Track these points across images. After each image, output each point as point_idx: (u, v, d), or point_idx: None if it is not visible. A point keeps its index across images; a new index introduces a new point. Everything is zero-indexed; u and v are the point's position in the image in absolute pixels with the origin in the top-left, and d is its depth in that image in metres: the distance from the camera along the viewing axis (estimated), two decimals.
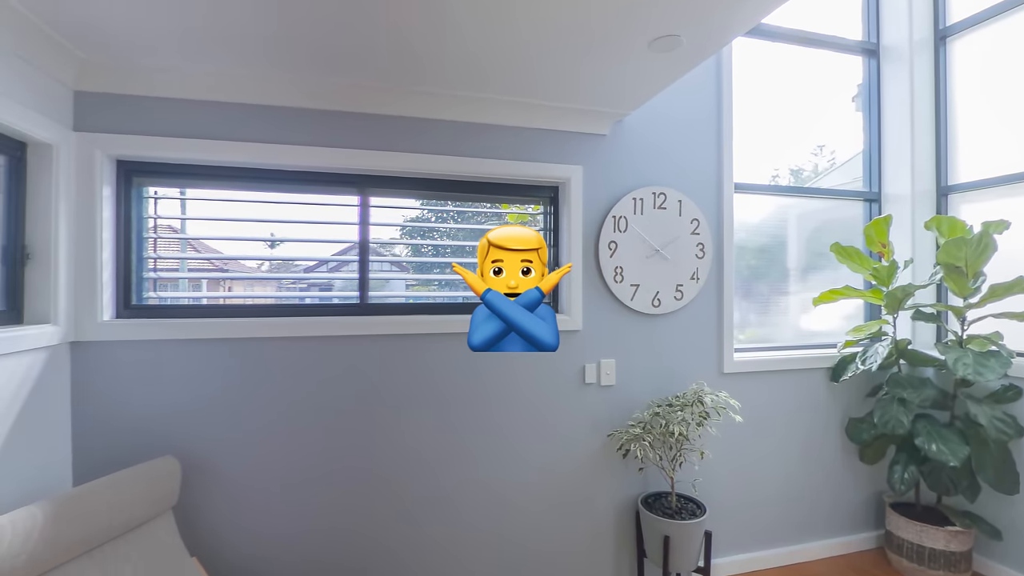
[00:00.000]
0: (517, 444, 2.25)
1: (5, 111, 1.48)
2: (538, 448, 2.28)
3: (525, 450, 2.26)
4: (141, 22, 1.53)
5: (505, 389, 2.23)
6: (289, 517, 2.01)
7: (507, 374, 2.23)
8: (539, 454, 2.28)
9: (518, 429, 2.25)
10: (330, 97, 1.99)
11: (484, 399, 2.21)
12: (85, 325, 1.81)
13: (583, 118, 2.28)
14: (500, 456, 2.23)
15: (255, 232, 2.09)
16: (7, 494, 1.49)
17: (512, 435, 2.25)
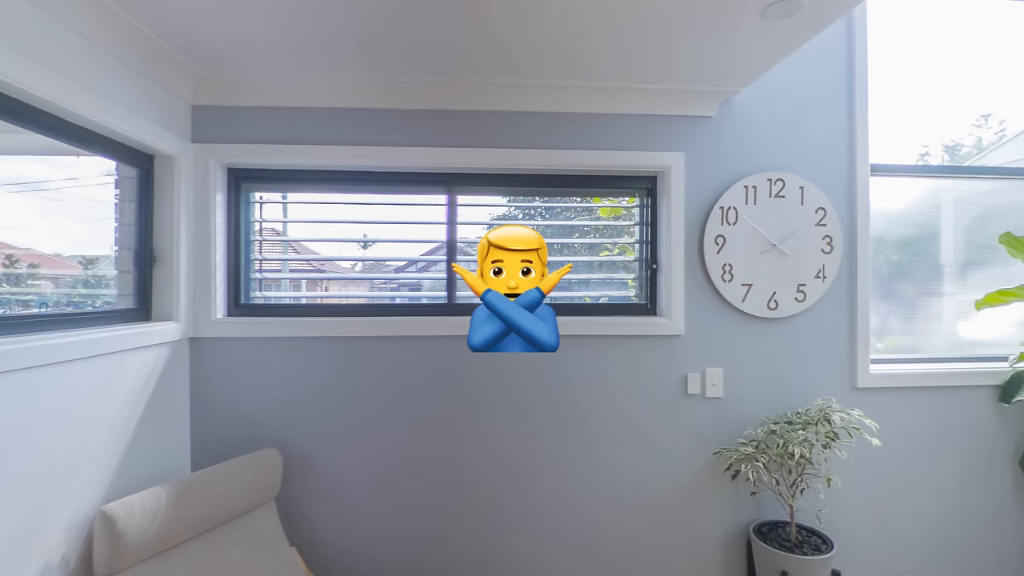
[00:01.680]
0: (610, 457, 2.20)
1: (137, 127, 1.71)
2: (634, 463, 2.20)
3: (619, 464, 2.20)
4: (247, 36, 1.70)
5: (597, 397, 2.19)
6: (378, 515, 2.12)
7: (600, 382, 2.18)
8: (635, 469, 2.21)
9: (611, 441, 2.20)
10: (418, 96, 2.08)
11: (574, 407, 2.18)
12: (201, 322, 2.05)
13: (685, 99, 2.16)
14: (591, 469, 2.19)
15: (349, 233, 2.24)
16: (137, 474, 1.73)
17: (605, 447, 2.19)
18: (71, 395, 1.46)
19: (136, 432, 1.73)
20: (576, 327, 2.15)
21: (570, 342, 2.17)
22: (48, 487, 1.38)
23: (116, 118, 1.62)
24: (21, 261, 1.50)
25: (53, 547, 1.39)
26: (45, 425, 1.37)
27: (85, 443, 1.51)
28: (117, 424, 1.65)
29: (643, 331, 2.18)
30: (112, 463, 1.62)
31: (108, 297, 1.84)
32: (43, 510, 1.36)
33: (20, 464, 1.29)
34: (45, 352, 1.36)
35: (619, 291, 2.34)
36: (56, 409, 1.40)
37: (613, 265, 2.35)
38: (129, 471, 1.69)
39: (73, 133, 1.55)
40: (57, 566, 1.40)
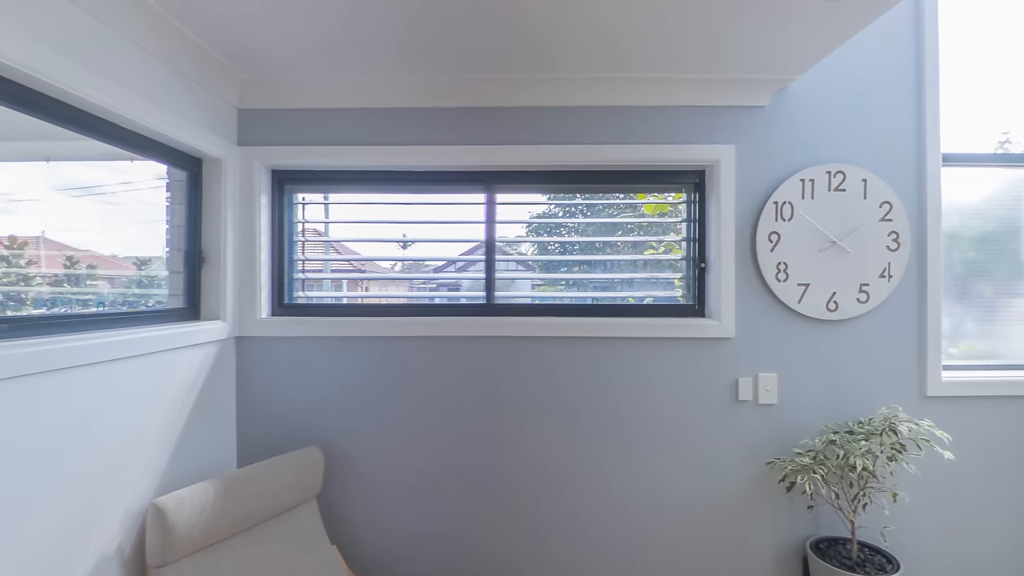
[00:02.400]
0: (655, 465, 2.15)
1: (186, 132, 1.80)
2: (680, 471, 2.15)
3: (665, 472, 2.15)
4: (290, 39, 1.76)
5: (642, 402, 2.14)
6: (418, 516, 2.15)
7: (644, 386, 2.14)
8: (681, 478, 2.15)
9: (656, 448, 2.15)
10: (456, 94, 2.09)
11: (617, 411, 2.14)
12: (247, 321, 2.13)
13: (735, 89, 2.09)
14: (635, 476, 2.15)
15: (389, 233, 2.28)
16: (187, 469, 1.82)
17: (649, 454, 2.15)
18: (125, 392, 1.54)
19: (185, 428, 1.82)
20: (619, 329, 2.12)
21: (612, 344, 2.13)
22: (104, 480, 1.46)
23: (168, 123, 1.70)
24: (81, 262, 1.60)
25: (109, 537, 1.47)
26: (101, 420, 1.45)
27: (138, 438, 1.60)
28: (168, 420, 1.73)
29: (690, 333, 2.12)
30: (163, 458, 1.70)
31: (160, 297, 1.94)
32: (99, 502, 1.44)
33: (78, 458, 1.38)
34: (102, 350, 1.44)
35: (665, 291, 2.28)
36: (111, 405, 1.49)
37: (658, 264, 2.29)
38: (179, 466, 1.78)
39: (128, 139, 1.64)
40: (113, 555, 1.49)
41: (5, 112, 1.27)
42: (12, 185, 1.36)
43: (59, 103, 1.38)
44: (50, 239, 1.51)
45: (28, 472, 1.24)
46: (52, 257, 1.51)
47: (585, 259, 2.30)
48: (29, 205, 1.39)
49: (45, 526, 1.28)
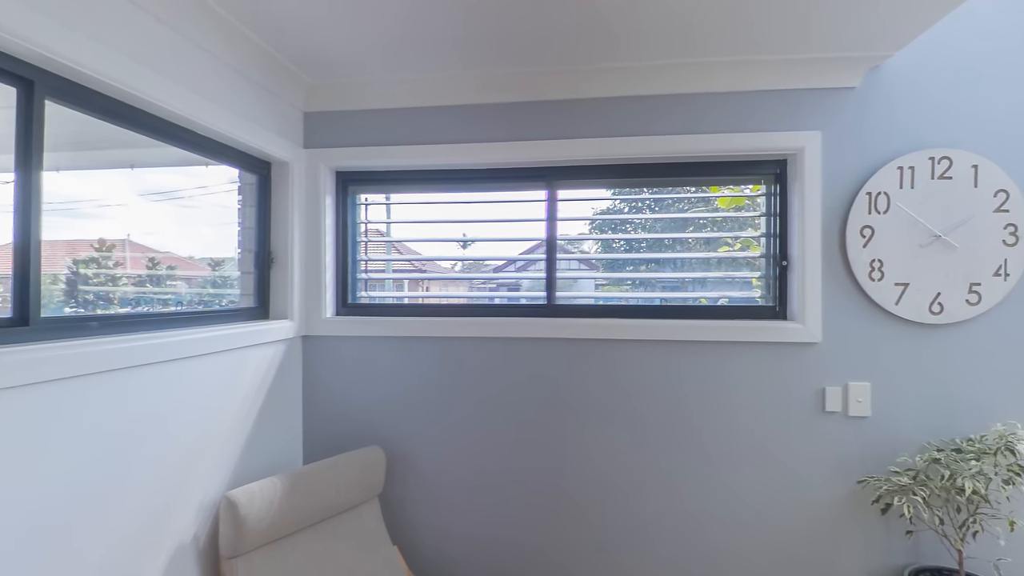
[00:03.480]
0: (730, 478, 2.05)
1: (256, 136, 1.90)
2: (759, 486, 2.03)
3: (741, 486, 2.04)
4: (353, 41, 1.82)
5: (716, 410, 2.05)
6: (477, 521, 2.16)
7: (718, 393, 2.04)
8: (760, 494, 2.03)
9: (732, 460, 2.05)
10: (516, 89, 2.09)
11: (688, 419, 2.06)
12: (313, 321, 2.23)
13: (821, 69, 1.96)
14: (708, 490, 2.06)
15: (450, 233, 2.32)
16: (256, 464, 1.92)
17: (724, 466, 2.05)
18: (199, 388, 1.65)
19: (255, 424, 1.92)
20: (690, 332, 2.03)
21: (683, 348, 2.05)
22: (181, 472, 1.56)
23: (240, 129, 1.80)
24: (161, 263, 1.73)
25: (185, 527, 1.58)
26: (177, 416, 1.56)
27: (211, 433, 1.70)
28: (239, 417, 1.84)
29: (770, 337, 2.01)
30: (235, 452, 1.81)
31: (232, 296, 2.06)
32: (177, 493, 1.55)
33: (157, 451, 1.48)
34: (180, 347, 1.54)
35: (741, 292, 2.17)
36: (186, 401, 1.59)
37: (734, 262, 2.19)
38: (249, 461, 1.88)
39: (203, 144, 1.75)
40: (189, 544, 1.59)
41: (95, 123, 1.39)
42: (101, 191, 1.49)
43: (142, 112, 1.49)
44: (134, 242, 1.64)
45: (114, 462, 1.34)
46: (136, 258, 1.64)
47: (653, 257, 2.24)
48: (116, 210, 1.51)
49: (129, 513, 1.38)
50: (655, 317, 2.10)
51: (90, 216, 1.44)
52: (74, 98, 1.31)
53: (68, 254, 1.41)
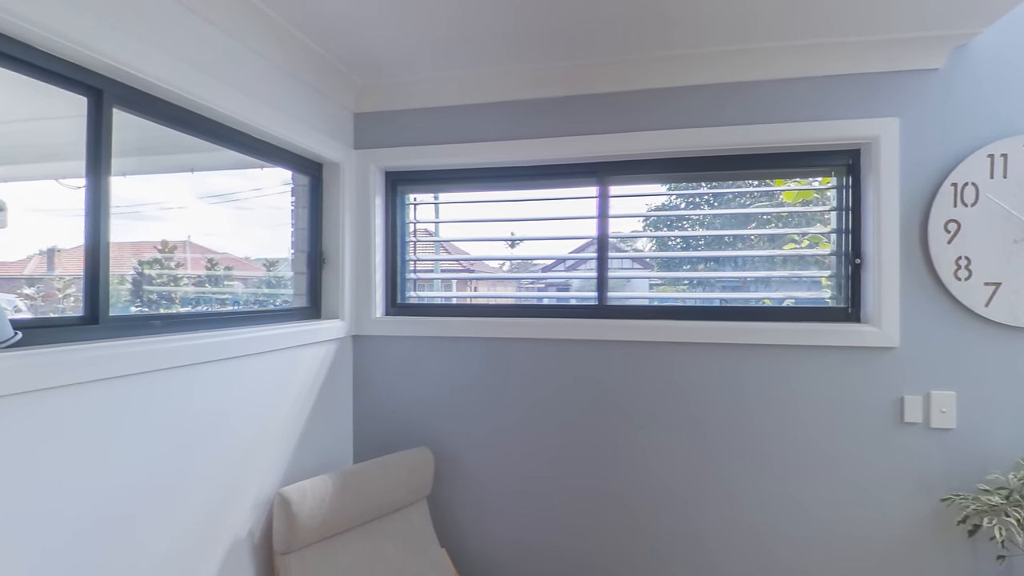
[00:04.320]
0: (796, 490, 1.95)
1: (309, 139, 1.96)
2: (827, 501, 1.93)
3: (808, 500, 1.94)
4: (401, 41, 1.84)
5: (780, 418, 1.96)
6: (525, 526, 2.16)
7: (783, 399, 1.95)
8: (828, 509, 1.93)
9: (797, 471, 1.95)
10: (566, 82, 2.06)
11: (750, 426, 1.98)
12: (363, 320, 2.28)
13: (899, 50, 1.83)
14: (772, 502, 1.97)
15: (498, 232, 2.32)
16: (308, 462, 1.98)
17: (789, 477, 1.96)
18: (256, 385, 1.71)
19: (307, 423, 1.98)
20: (753, 335, 1.95)
21: (745, 352, 1.98)
22: (238, 468, 1.63)
23: (293, 132, 1.87)
24: (219, 264, 1.81)
25: (241, 522, 1.65)
26: (236, 412, 1.62)
27: (267, 430, 1.77)
28: (292, 414, 1.90)
29: (841, 341, 1.90)
30: (288, 450, 1.87)
31: (286, 296, 2.14)
32: (234, 488, 1.62)
33: (218, 446, 1.55)
34: (238, 345, 1.61)
35: (809, 292, 2.07)
36: (245, 398, 1.66)
37: (801, 260, 2.08)
38: (301, 458, 1.94)
39: (258, 147, 1.82)
40: (245, 539, 1.66)
41: (157, 128, 1.47)
42: (163, 194, 1.58)
43: (201, 117, 1.57)
44: (194, 243, 1.73)
45: (178, 456, 1.41)
46: (196, 259, 1.73)
47: (712, 255, 2.16)
48: (177, 212, 1.59)
49: (190, 507, 1.45)
50: (714, 319, 2.03)
51: (153, 218, 1.53)
52: (139, 105, 1.38)
53: (133, 255, 1.50)
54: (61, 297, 1.38)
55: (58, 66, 1.17)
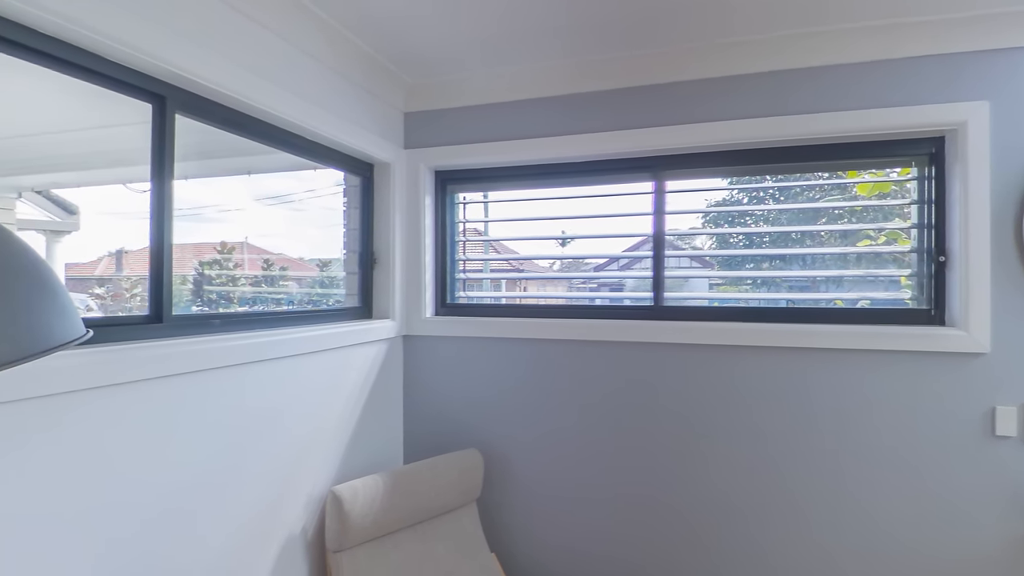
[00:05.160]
0: (871, 507, 1.84)
1: (360, 139, 2.00)
2: (907, 518, 1.81)
3: (884, 517, 1.83)
4: (451, 39, 1.86)
5: (853, 429, 1.85)
6: (577, 534, 2.12)
7: (857, 409, 1.84)
8: (909, 527, 1.81)
9: (873, 486, 1.83)
10: (620, 74, 2.02)
11: (819, 438, 1.88)
12: (413, 320, 2.31)
13: (987, 27, 1.69)
14: (843, 517, 1.86)
15: (548, 230, 2.30)
16: (360, 462, 2.02)
17: (862, 493, 1.84)
18: (309, 384, 1.76)
19: (359, 422, 2.03)
20: (823, 338, 1.85)
21: (814, 357, 1.87)
22: (291, 466, 1.68)
23: (345, 133, 1.91)
24: (275, 264, 1.88)
25: (295, 519, 1.70)
26: (290, 410, 1.67)
27: (320, 429, 1.81)
28: (343, 414, 1.94)
29: (924, 346, 1.77)
30: (340, 449, 1.92)
31: (338, 296, 2.19)
32: (288, 485, 1.67)
33: (272, 445, 1.60)
34: (292, 344, 1.66)
35: (887, 292, 1.94)
36: (298, 397, 1.71)
37: (878, 258, 1.96)
38: (353, 458, 1.98)
39: (312, 149, 1.88)
40: (298, 536, 1.71)
41: (216, 133, 1.53)
42: (222, 197, 1.64)
43: (257, 121, 1.62)
44: (252, 244, 1.80)
45: (234, 453, 1.47)
46: (253, 260, 1.79)
47: (778, 253, 2.07)
48: (235, 214, 1.66)
49: (246, 503, 1.51)
50: (780, 321, 1.94)
51: (213, 220, 1.60)
52: (199, 111, 1.45)
53: (195, 256, 1.57)
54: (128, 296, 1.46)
55: (125, 75, 1.24)
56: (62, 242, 1.40)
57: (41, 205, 1.38)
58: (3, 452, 0.97)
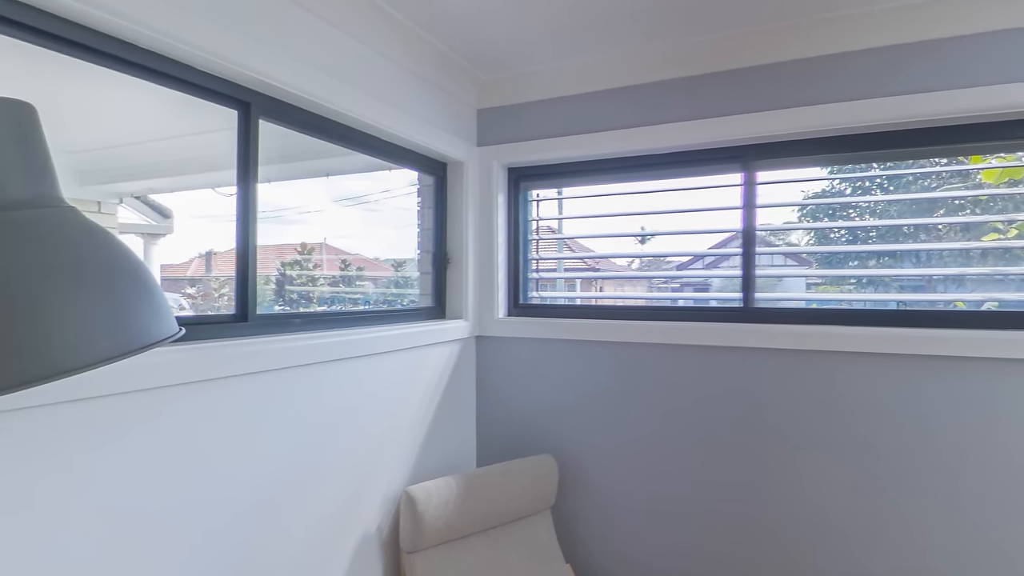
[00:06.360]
0: (998, 536, 1.65)
1: (434, 138, 2.04)
2: None
3: (1014, 548, 1.64)
4: (522, 32, 1.86)
5: (978, 444, 1.67)
6: (657, 550, 2.06)
7: (983, 424, 1.67)
8: None
9: (1003, 512, 1.65)
10: (704, 58, 1.94)
11: (936, 455, 1.72)
12: (486, 321, 2.33)
13: None
14: (966, 548, 1.69)
15: (626, 227, 2.25)
16: (433, 463, 2.06)
17: (987, 520, 1.66)
18: (384, 384, 1.82)
19: (432, 423, 2.07)
20: (942, 344, 1.69)
21: (931, 364, 1.71)
22: (367, 464, 1.74)
23: (419, 132, 1.96)
24: (352, 265, 1.95)
25: (370, 517, 1.76)
26: (365, 409, 1.73)
27: (394, 428, 1.87)
28: (417, 414, 1.99)
29: None
30: (414, 449, 1.97)
31: (412, 296, 2.25)
32: (364, 483, 1.73)
33: (349, 442, 1.67)
34: (368, 344, 1.72)
35: (1018, 293, 1.75)
36: (374, 396, 1.77)
37: (1007, 254, 1.77)
38: (427, 459, 2.03)
39: (387, 150, 1.94)
40: (373, 535, 1.77)
41: (297, 136, 1.61)
42: (302, 199, 1.73)
43: (335, 123, 1.69)
44: (330, 245, 1.88)
45: (314, 449, 1.54)
46: (331, 260, 1.88)
47: (887, 249, 1.91)
48: (314, 216, 1.75)
49: (326, 499, 1.58)
50: (890, 324, 1.79)
51: (294, 222, 1.69)
52: (281, 115, 1.53)
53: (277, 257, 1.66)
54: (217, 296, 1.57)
55: (213, 83, 1.33)
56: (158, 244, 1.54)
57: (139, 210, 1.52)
58: (107, 441, 1.06)
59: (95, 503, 1.05)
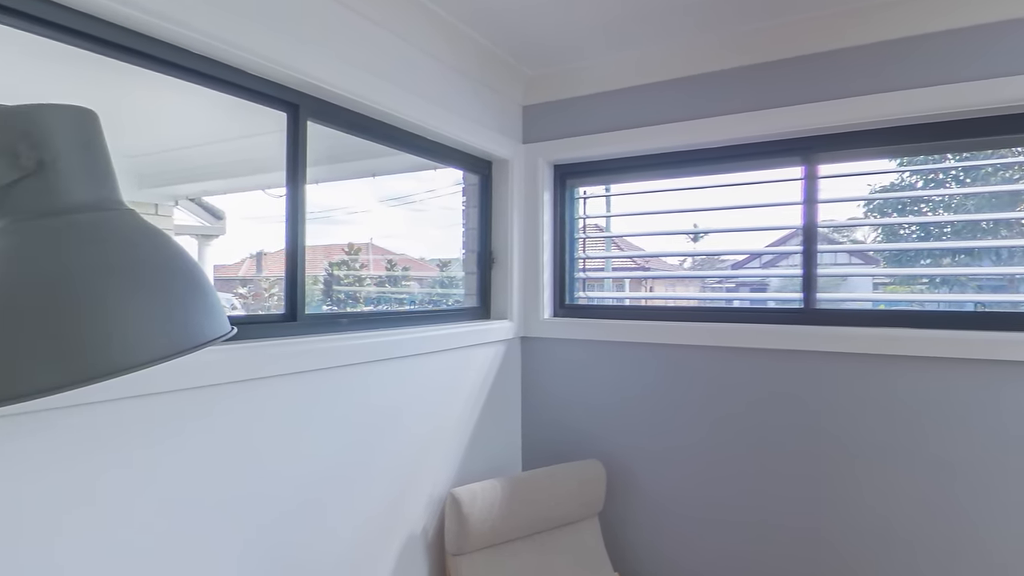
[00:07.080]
0: None
1: (479, 136, 2.05)
2: None
3: None
4: (570, 25, 1.84)
5: None
6: (709, 560, 2.01)
7: None
8: None
9: None
10: (762, 46, 1.88)
11: (1019, 467, 1.61)
12: (531, 322, 2.33)
13: None
14: None
15: (677, 225, 2.20)
16: (478, 465, 2.07)
17: None
18: (429, 384, 1.84)
19: (477, 425, 2.08)
20: (1019, 349, 1.58)
21: (1013, 371, 1.61)
22: (413, 464, 1.76)
23: (464, 131, 1.97)
24: (397, 265, 1.99)
25: (416, 518, 1.78)
26: (411, 409, 1.76)
27: (440, 429, 1.89)
28: (462, 416, 2.00)
29: None
30: (459, 451, 1.98)
31: (457, 296, 2.27)
32: (409, 484, 1.75)
33: (395, 443, 1.69)
34: (413, 344, 1.74)
35: None
36: (419, 396, 1.79)
37: None
38: (472, 461, 2.04)
39: (432, 149, 1.96)
40: (419, 536, 1.79)
41: (344, 137, 1.64)
42: (349, 199, 1.77)
43: (381, 123, 1.72)
44: (376, 245, 1.92)
45: (360, 449, 1.57)
46: (377, 260, 1.91)
47: (962, 246, 1.81)
48: (361, 216, 1.78)
49: (371, 499, 1.60)
50: (967, 327, 1.68)
51: (341, 222, 1.73)
52: (329, 116, 1.56)
53: (324, 257, 1.71)
54: (267, 296, 1.62)
55: (262, 86, 1.37)
56: (211, 245, 1.61)
57: (194, 212, 1.59)
58: (165, 437, 1.11)
59: (155, 498, 1.09)
